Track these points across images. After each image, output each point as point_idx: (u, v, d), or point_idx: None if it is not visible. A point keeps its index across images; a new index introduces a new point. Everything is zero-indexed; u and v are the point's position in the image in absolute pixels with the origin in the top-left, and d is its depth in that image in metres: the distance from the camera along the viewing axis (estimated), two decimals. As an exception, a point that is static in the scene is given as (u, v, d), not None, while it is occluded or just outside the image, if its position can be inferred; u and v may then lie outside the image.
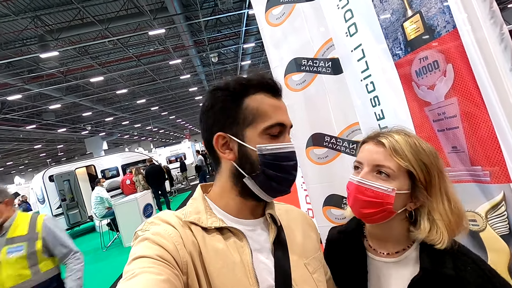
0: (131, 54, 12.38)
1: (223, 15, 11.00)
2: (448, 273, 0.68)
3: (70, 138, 26.36)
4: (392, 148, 0.73)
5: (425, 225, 0.72)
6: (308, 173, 2.45)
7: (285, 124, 0.63)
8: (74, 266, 2.07)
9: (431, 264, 0.70)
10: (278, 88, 0.65)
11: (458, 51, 1.08)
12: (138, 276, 0.47)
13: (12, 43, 9.88)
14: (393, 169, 0.72)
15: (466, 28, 1.04)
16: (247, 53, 15.57)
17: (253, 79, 0.63)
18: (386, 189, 0.71)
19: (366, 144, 0.80)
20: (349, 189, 0.79)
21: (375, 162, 0.74)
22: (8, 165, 32.94)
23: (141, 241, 0.55)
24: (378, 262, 0.78)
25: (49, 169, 8.95)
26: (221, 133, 0.62)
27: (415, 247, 0.75)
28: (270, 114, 0.61)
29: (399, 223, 0.76)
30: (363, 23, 1.45)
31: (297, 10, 2.05)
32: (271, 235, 0.65)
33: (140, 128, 31.64)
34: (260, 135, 0.61)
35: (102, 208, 6.40)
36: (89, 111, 19.06)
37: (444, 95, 1.18)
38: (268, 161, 0.60)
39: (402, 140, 0.74)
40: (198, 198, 0.67)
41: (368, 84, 1.49)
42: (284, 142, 0.62)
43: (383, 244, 0.79)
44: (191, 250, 0.57)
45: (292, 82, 2.16)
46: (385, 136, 0.76)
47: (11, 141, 21.37)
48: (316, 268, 0.70)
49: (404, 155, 0.72)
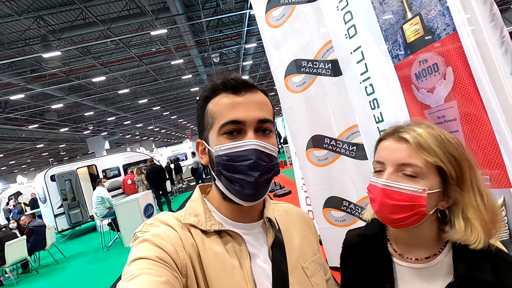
0: (133, 54, 12.39)
1: (225, 16, 10.99)
2: (487, 279, 0.61)
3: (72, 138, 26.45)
4: (417, 143, 0.65)
5: (461, 224, 0.64)
6: (309, 175, 2.44)
7: (241, 121, 0.58)
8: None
9: (467, 270, 0.63)
10: (240, 84, 0.61)
11: (458, 54, 1.07)
12: (137, 277, 0.46)
13: (15, 43, 9.91)
14: (421, 167, 0.64)
15: (466, 31, 1.03)
16: (249, 53, 15.56)
17: (214, 82, 0.62)
18: (416, 190, 0.63)
19: (385, 141, 0.71)
20: (372, 193, 0.71)
21: (399, 161, 0.66)
22: (11, 164, 33.11)
23: (140, 242, 0.55)
24: (406, 269, 0.71)
25: (50, 168, 8.96)
26: (199, 140, 0.66)
27: (447, 252, 0.68)
28: (224, 113, 0.59)
29: (430, 225, 0.69)
30: (362, 25, 1.44)
31: (297, 11, 2.04)
32: (269, 239, 0.65)
33: (142, 128, 31.70)
34: (217, 136, 0.60)
35: (103, 208, 6.41)
36: (91, 111, 19.11)
37: (444, 98, 1.16)
38: (223, 162, 0.59)
39: (426, 133, 0.66)
40: (197, 200, 0.67)
41: (367, 86, 1.48)
42: (244, 140, 0.58)
43: (411, 249, 0.72)
44: (190, 253, 0.57)
45: (292, 84, 2.15)
46: (407, 131, 0.68)
47: (13, 140, 21.48)
48: (314, 272, 0.69)
49: (431, 150, 0.64)
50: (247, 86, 0.61)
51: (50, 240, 6.28)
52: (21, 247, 5.55)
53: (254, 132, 0.60)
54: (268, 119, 0.62)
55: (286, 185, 7.89)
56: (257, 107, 0.61)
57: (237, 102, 0.59)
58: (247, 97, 0.60)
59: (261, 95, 0.64)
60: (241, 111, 0.59)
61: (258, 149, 0.58)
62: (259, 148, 0.58)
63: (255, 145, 0.58)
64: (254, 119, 0.59)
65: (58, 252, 6.67)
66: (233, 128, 0.59)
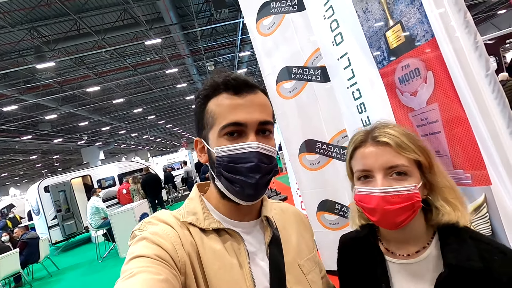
0: (127, 63, 12.47)
1: (218, 25, 11.16)
2: (476, 266, 0.63)
3: (67, 148, 26.24)
4: (397, 144, 0.68)
5: (445, 205, 0.69)
6: (302, 179, 2.48)
7: (242, 123, 0.59)
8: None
9: (455, 259, 0.65)
10: (241, 85, 0.61)
11: (437, 58, 1.13)
12: (136, 275, 0.46)
13: (9, 54, 9.94)
14: (407, 165, 0.67)
15: (443, 37, 1.08)
16: (243, 61, 15.76)
17: (214, 81, 0.62)
18: (410, 189, 0.66)
19: (363, 148, 0.73)
20: (369, 203, 0.69)
21: (387, 164, 0.68)
22: (3, 177, 32.59)
23: (139, 240, 0.55)
24: (398, 266, 0.73)
25: (44, 179, 8.86)
26: (197, 138, 0.66)
27: (436, 244, 0.71)
28: (225, 114, 0.59)
29: (418, 217, 0.71)
30: (348, 32, 1.50)
31: (286, 20, 2.11)
32: (266, 238, 0.66)
33: (137, 137, 31.58)
34: (218, 136, 0.60)
35: (98, 218, 6.35)
36: (86, 121, 19.04)
37: (426, 101, 1.22)
38: (225, 163, 0.59)
39: (398, 133, 0.70)
40: (195, 198, 0.67)
41: (354, 91, 1.53)
42: (245, 142, 0.59)
43: (402, 246, 0.74)
44: (189, 251, 0.57)
45: (284, 90, 2.20)
46: (382, 134, 0.71)
47: (6, 152, 21.23)
48: (310, 269, 0.70)
49: (408, 147, 0.68)
50: (248, 87, 0.61)
51: (43, 253, 6.18)
52: (14, 260, 5.45)
53: (255, 134, 0.60)
54: (269, 121, 0.62)
55: (282, 191, 7.91)
56: (258, 109, 0.61)
57: (238, 104, 0.59)
58: (248, 99, 0.60)
59: (262, 96, 0.64)
60: (242, 113, 0.59)
61: (259, 151, 0.58)
62: (260, 151, 0.58)
63: (256, 148, 0.58)
64: (255, 121, 0.59)
65: (52, 265, 6.56)
66: (234, 130, 0.59)
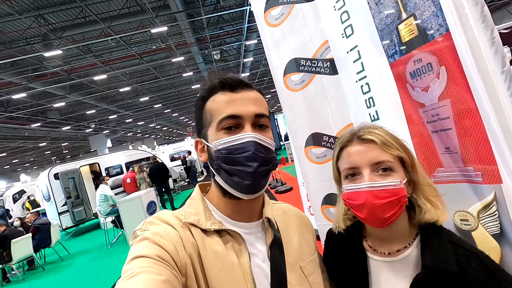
0: (133, 52, 12.43)
1: (225, 12, 10.98)
2: (451, 269, 0.65)
3: (75, 136, 26.62)
4: (382, 141, 0.72)
5: (427, 204, 0.72)
6: (307, 172, 2.47)
7: (238, 115, 0.61)
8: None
9: (432, 262, 0.67)
10: (236, 83, 0.63)
11: (450, 54, 1.10)
12: (137, 275, 0.46)
13: (16, 42, 9.97)
14: (392, 161, 0.71)
15: (458, 31, 1.05)
16: (250, 50, 15.53)
17: (211, 82, 0.64)
18: (396, 183, 0.69)
19: (349, 147, 0.76)
20: (356, 199, 0.71)
21: (373, 160, 0.70)
22: (14, 163, 33.36)
23: (140, 240, 0.55)
24: (379, 262, 0.76)
25: (54, 167, 9.06)
26: (198, 138, 0.68)
27: (416, 245, 0.73)
28: (222, 109, 0.61)
29: (402, 216, 0.73)
30: (359, 24, 1.46)
31: (295, 11, 2.06)
32: (268, 239, 0.66)
33: (144, 126, 31.81)
34: (216, 131, 0.62)
35: (107, 205, 6.50)
36: (93, 109, 19.20)
37: (437, 97, 1.19)
38: (223, 156, 0.60)
39: (382, 132, 0.74)
40: (197, 199, 0.67)
41: (363, 85, 1.51)
42: (242, 133, 0.60)
43: (384, 243, 0.76)
44: (190, 252, 0.57)
45: (291, 82, 2.17)
46: (367, 133, 0.74)
47: (16, 139, 21.63)
48: (312, 271, 0.70)
49: (392, 145, 0.72)
50: (243, 85, 0.64)
51: (55, 238, 6.38)
52: (27, 244, 5.65)
53: (252, 126, 0.62)
54: (265, 114, 0.64)
55: (287, 181, 7.94)
56: (253, 102, 0.63)
57: (234, 98, 0.62)
58: (244, 94, 0.63)
59: (257, 93, 0.66)
60: (238, 106, 0.61)
61: (255, 141, 0.60)
62: (257, 140, 0.60)
63: (253, 137, 0.60)
64: (251, 113, 0.61)
65: (63, 249, 6.78)
66: (231, 123, 0.61)
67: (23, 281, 5.54)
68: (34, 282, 5.50)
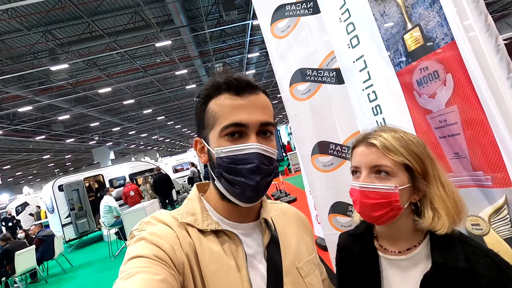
0: (138, 65, 12.67)
1: (227, 26, 11.24)
2: (461, 266, 0.68)
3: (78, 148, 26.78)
4: (384, 146, 0.74)
5: (429, 213, 0.73)
6: (314, 180, 2.48)
7: (244, 124, 0.58)
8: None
9: (442, 258, 0.70)
10: (243, 86, 0.60)
11: (456, 61, 1.14)
12: (134, 276, 0.46)
13: (24, 56, 10.22)
14: (390, 166, 0.73)
15: (463, 40, 1.09)
16: (252, 62, 15.80)
17: (216, 81, 0.61)
18: (389, 188, 0.72)
19: (358, 148, 0.81)
20: (353, 195, 0.79)
21: (371, 163, 0.75)
22: (17, 175, 33.47)
23: (137, 240, 0.55)
24: (390, 261, 0.79)
25: (58, 178, 9.09)
26: (197, 138, 0.66)
27: (426, 243, 0.75)
28: (227, 114, 0.58)
29: (406, 217, 0.77)
30: (365, 35, 1.51)
31: (301, 23, 2.13)
32: (264, 240, 0.65)
33: (146, 138, 32.00)
34: (219, 137, 0.59)
35: (111, 217, 6.48)
36: (97, 121, 19.40)
37: (444, 103, 1.22)
38: (225, 164, 0.58)
39: (390, 136, 0.76)
40: (194, 199, 0.67)
41: (370, 93, 1.54)
42: (246, 143, 0.58)
43: (394, 243, 0.79)
44: (187, 251, 0.57)
45: (297, 92, 2.22)
46: (374, 137, 0.77)
47: (20, 151, 21.79)
48: (309, 272, 0.69)
49: (396, 151, 0.73)
50: (250, 87, 0.60)
51: (58, 250, 6.34)
52: (30, 256, 5.62)
53: (256, 135, 0.59)
54: (270, 122, 0.62)
55: (291, 192, 7.91)
56: (259, 110, 0.60)
57: (240, 105, 0.58)
58: (250, 99, 0.59)
59: (264, 97, 0.63)
60: (244, 114, 0.58)
61: (260, 153, 0.58)
62: (261, 152, 0.58)
63: (258, 149, 0.58)
64: (256, 122, 0.59)
65: (66, 262, 6.72)
66: (235, 131, 0.58)
67: (25, 295, 5.50)
68: (37, 296, 5.45)
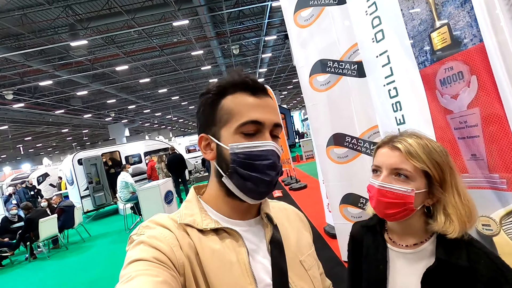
0: (155, 44, 12.67)
1: (246, 7, 11.00)
2: (462, 264, 0.73)
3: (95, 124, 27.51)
4: (407, 151, 0.78)
5: (441, 218, 0.77)
6: (328, 171, 2.53)
7: (261, 122, 0.60)
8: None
9: (445, 255, 0.76)
10: (259, 87, 0.62)
11: (483, 64, 1.13)
12: (135, 278, 0.47)
13: (45, 31, 10.38)
14: (410, 171, 0.77)
15: (492, 43, 1.08)
16: (268, 45, 15.50)
17: (230, 80, 0.62)
18: (406, 190, 0.77)
19: (382, 148, 0.85)
20: (370, 192, 0.85)
21: (393, 166, 0.80)
22: (38, 147, 34.91)
23: (136, 244, 0.55)
24: (397, 253, 0.85)
25: (78, 152, 9.48)
26: (203, 134, 0.65)
27: (432, 241, 0.81)
28: (243, 112, 0.60)
29: (418, 218, 0.82)
30: (390, 30, 1.50)
31: (325, 12, 2.10)
32: (267, 235, 0.66)
33: (161, 117, 32.45)
34: (234, 133, 0.60)
35: (127, 192, 6.77)
36: (113, 99, 19.76)
37: (466, 104, 1.22)
38: (240, 160, 0.59)
39: (415, 143, 0.79)
40: (193, 201, 0.67)
41: (391, 89, 1.55)
42: (263, 141, 0.60)
43: (403, 238, 0.85)
44: (187, 252, 0.57)
45: (317, 83, 2.23)
46: (400, 141, 0.81)
47: (41, 124, 22.60)
48: (311, 265, 0.71)
49: (418, 157, 0.77)
50: (263, 90, 0.64)
51: (78, 220, 6.73)
52: (52, 224, 6.00)
53: (269, 134, 0.62)
54: (280, 124, 0.65)
55: (301, 179, 7.98)
56: (272, 111, 0.63)
57: (258, 104, 0.61)
58: (265, 100, 0.62)
59: (273, 100, 0.66)
60: (261, 113, 0.60)
61: (275, 151, 0.61)
62: (276, 150, 0.61)
63: (273, 147, 0.60)
64: (271, 122, 0.62)
65: (84, 231, 7.13)
66: (254, 129, 0.60)
67: (48, 258, 5.90)
68: (59, 260, 5.83)
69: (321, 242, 3.76)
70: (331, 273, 1.10)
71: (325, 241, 3.79)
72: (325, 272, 0.83)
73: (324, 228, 4.06)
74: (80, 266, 5.26)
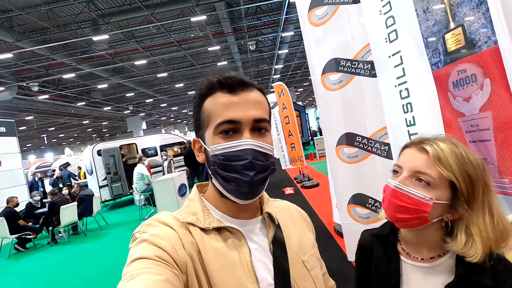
0: (173, 39, 12.87)
1: (263, 3, 10.95)
2: (486, 283, 0.65)
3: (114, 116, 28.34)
4: (436, 156, 0.69)
5: (462, 238, 0.68)
6: (337, 170, 2.53)
7: (236, 121, 0.58)
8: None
9: (467, 272, 0.67)
10: (236, 84, 0.60)
11: (497, 67, 1.11)
12: (137, 277, 0.47)
13: (69, 25, 10.77)
14: (434, 178, 0.69)
15: (507, 46, 1.06)
16: (285, 41, 15.38)
17: (210, 81, 0.61)
18: (423, 197, 0.69)
19: (409, 149, 0.77)
20: (385, 192, 0.77)
21: (415, 168, 0.72)
22: (60, 137, 36.42)
23: (139, 243, 0.55)
24: (411, 267, 0.77)
25: (97, 144, 9.87)
26: (195, 138, 0.67)
27: (451, 255, 0.72)
28: (219, 112, 0.59)
29: (434, 231, 0.74)
30: (404, 30, 1.48)
31: (340, 11, 2.09)
32: (269, 234, 0.65)
33: (177, 111, 32.99)
34: (213, 135, 0.60)
35: (142, 184, 7.01)
36: (132, 92, 20.28)
37: (479, 108, 1.21)
38: (220, 162, 0.59)
39: (448, 149, 0.70)
40: (195, 199, 0.67)
41: (402, 90, 1.53)
42: (239, 140, 0.58)
43: (417, 249, 0.77)
44: (190, 251, 0.57)
45: (329, 82, 2.22)
46: (430, 144, 0.72)
47: (63, 115, 23.55)
48: (313, 265, 0.70)
49: (448, 165, 0.68)
50: (243, 85, 0.60)
51: (96, 208, 7.03)
52: (73, 211, 6.30)
53: (250, 131, 0.59)
54: (264, 119, 0.61)
55: (314, 177, 7.95)
56: (253, 106, 0.60)
57: (233, 102, 0.59)
58: (243, 96, 0.60)
59: (258, 93, 0.63)
60: (237, 111, 0.58)
61: (253, 149, 0.58)
62: (255, 148, 0.58)
63: (251, 145, 0.58)
64: (250, 118, 0.59)
65: (102, 220, 7.43)
66: (229, 128, 0.58)
67: (68, 243, 6.21)
68: (78, 245, 6.13)
69: (331, 241, 3.77)
70: (339, 272, 1.07)
71: (334, 239, 3.79)
72: (333, 271, 0.81)
73: (334, 227, 4.05)
74: (98, 252, 5.51)
